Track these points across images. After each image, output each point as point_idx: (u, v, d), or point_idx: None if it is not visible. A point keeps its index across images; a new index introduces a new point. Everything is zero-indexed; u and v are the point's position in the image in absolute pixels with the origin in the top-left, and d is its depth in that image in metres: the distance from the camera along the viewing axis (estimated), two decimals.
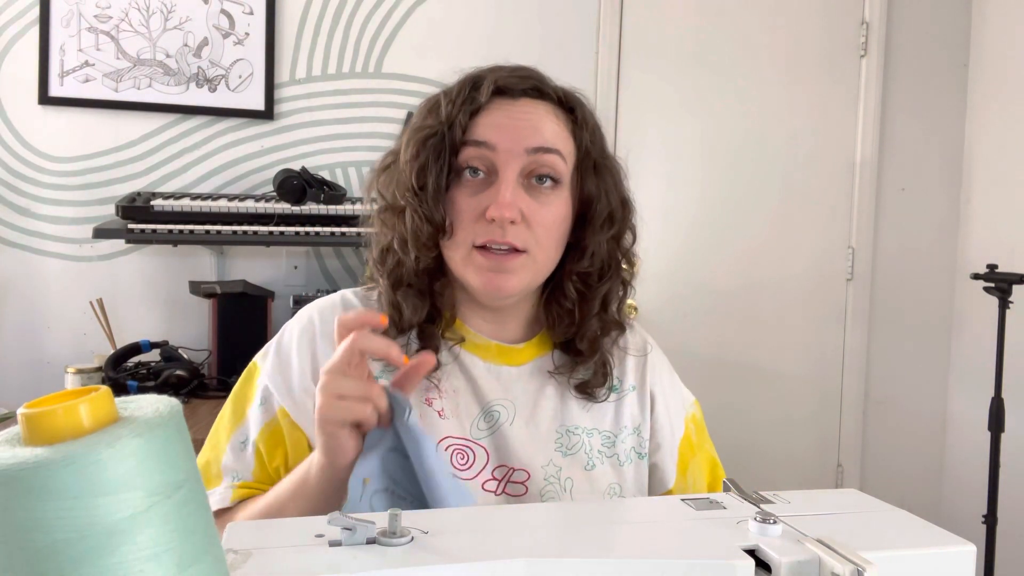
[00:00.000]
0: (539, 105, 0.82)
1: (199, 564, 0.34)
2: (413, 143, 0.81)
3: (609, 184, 0.84)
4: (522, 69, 0.84)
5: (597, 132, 0.86)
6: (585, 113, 0.85)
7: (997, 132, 2.55)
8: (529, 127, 0.79)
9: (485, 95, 0.80)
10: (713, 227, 2.56)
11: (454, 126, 0.79)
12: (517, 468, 0.82)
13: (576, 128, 0.83)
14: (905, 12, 2.62)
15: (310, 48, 2.35)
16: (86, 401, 0.33)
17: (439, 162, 0.79)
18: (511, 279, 0.80)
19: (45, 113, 2.24)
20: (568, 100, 0.84)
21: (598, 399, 0.87)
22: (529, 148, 0.79)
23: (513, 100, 0.81)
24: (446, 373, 0.84)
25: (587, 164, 0.83)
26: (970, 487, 2.54)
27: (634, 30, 2.48)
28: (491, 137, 0.79)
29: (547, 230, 0.80)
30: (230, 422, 0.86)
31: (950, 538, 0.51)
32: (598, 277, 0.85)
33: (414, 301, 0.83)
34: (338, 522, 0.47)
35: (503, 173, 0.78)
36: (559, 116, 0.82)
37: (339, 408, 0.66)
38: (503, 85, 0.81)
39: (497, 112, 0.80)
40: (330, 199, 2.16)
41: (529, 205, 0.79)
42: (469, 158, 0.79)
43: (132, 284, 2.28)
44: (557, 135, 0.81)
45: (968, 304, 2.61)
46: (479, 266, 0.80)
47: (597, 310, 0.86)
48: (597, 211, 0.83)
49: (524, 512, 0.57)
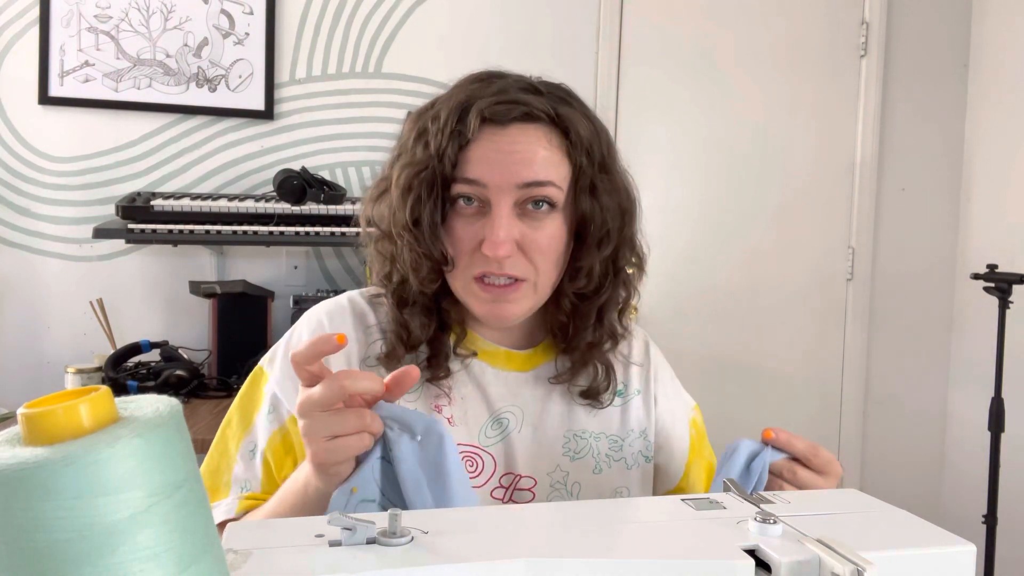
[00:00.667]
0: (529, 131, 0.78)
1: (199, 564, 0.34)
2: (404, 177, 0.79)
3: (606, 201, 0.81)
4: (512, 90, 0.79)
5: (595, 145, 0.81)
6: (580, 130, 0.80)
7: (997, 132, 2.55)
8: (519, 160, 0.76)
9: (472, 128, 0.76)
10: (713, 227, 2.56)
11: (443, 160, 0.77)
12: (524, 475, 0.83)
13: (571, 148, 0.79)
14: (905, 12, 2.62)
15: (310, 48, 2.35)
16: (86, 401, 0.33)
17: (432, 196, 0.77)
18: (512, 308, 0.79)
19: (45, 113, 2.24)
20: (561, 120, 0.79)
21: (603, 404, 0.87)
22: (520, 183, 0.76)
23: (502, 128, 0.77)
24: (456, 380, 0.84)
25: (583, 183, 0.80)
26: (970, 487, 2.54)
27: (634, 30, 2.48)
28: (481, 175, 0.76)
29: (544, 255, 0.79)
30: (238, 429, 0.85)
31: (950, 538, 0.51)
32: (594, 292, 0.84)
33: (421, 319, 0.82)
34: (338, 522, 0.47)
35: (496, 209, 0.76)
36: (552, 138, 0.79)
37: (336, 448, 0.62)
38: (490, 115, 0.77)
39: (486, 145, 0.77)
40: (330, 199, 2.16)
41: (524, 233, 0.77)
42: (461, 193, 0.78)
43: (132, 284, 2.28)
44: (549, 162, 0.77)
45: (968, 304, 2.61)
46: (480, 298, 0.79)
47: (592, 322, 0.85)
48: (592, 231, 0.80)
49: (524, 512, 0.57)
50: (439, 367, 0.82)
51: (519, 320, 0.83)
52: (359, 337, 0.85)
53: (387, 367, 0.81)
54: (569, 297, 0.83)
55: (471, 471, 0.81)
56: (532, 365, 0.87)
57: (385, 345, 0.83)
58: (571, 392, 0.87)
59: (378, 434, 0.64)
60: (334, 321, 0.85)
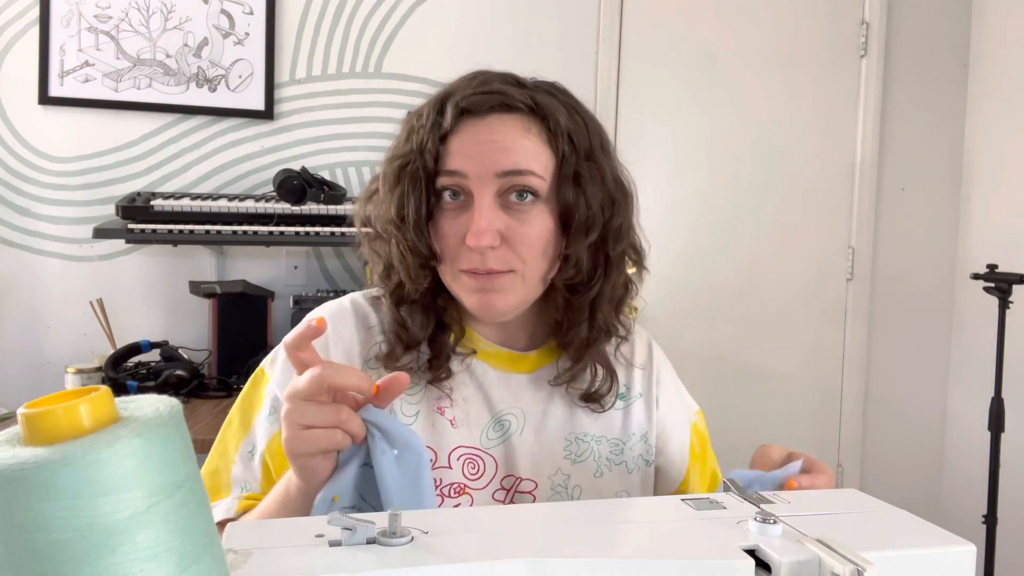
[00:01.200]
0: (507, 120, 0.78)
1: (199, 564, 0.34)
2: (391, 173, 0.80)
3: (592, 190, 0.79)
4: (488, 83, 0.79)
5: (580, 135, 0.80)
6: (559, 119, 0.79)
7: (997, 132, 2.55)
8: (498, 149, 0.76)
9: (450, 119, 0.77)
10: (713, 227, 2.56)
11: (425, 153, 0.77)
12: (525, 478, 0.82)
13: (551, 137, 0.79)
14: (905, 12, 2.62)
15: (310, 48, 2.35)
16: (86, 401, 0.33)
17: (416, 191, 0.78)
18: (501, 298, 0.79)
19: (45, 113, 2.24)
20: (540, 109, 0.79)
21: (604, 407, 0.86)
22: (499, 172, 0.76)
23: (480, 119, 0.77)
24: (457, 382, 0.83)
25: (566, 172, 0.79)
26: (970, 487, 2.54)
27: (634, 30, 2.48)
28: (461, 165, 0.77)
29: (530, 247, 0.78)
30: (239, 430, 0.84)
31: (950, 538, 0.51)
32: (585, 285, 0.82)
33: (420, 318, 0.82)
34: (338, 522, 0.47)
35: (477, 200, 0.76)
36: (532, 127, 0.78)
37: (306, 438, 0.63)
38: (467, 105, 0.77)
39: (465, 136, 0.77)
40: (330, 199, 2.16)
41: (508, 224, 0.77)
42: (444, 185, 0.78)
43: (132, 284, 2.28)
44: (528, 152, 0.77)
45: (968, 304, 2.61)
46: (468, 288, 0.79)
47: (586, 316, 0.84)
48: (576, 220, 0.79)
49: (524, 512, 0.57)
50: (440, 368, 0.82)
51: (511, 313, 0.81)
52: (361, 338, 0.85)
53: (387, 367, 0.81)
54: (561, 291, 0.82)
55: (472, 474, 0.81)
56: (534, 367, 0.87)
57: (384, 345, 0.83)
58: (572, 395, 0.86)
59: (356, 435, 0.64)
60: (336, 323, 0.84)
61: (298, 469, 0.65)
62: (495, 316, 0.81)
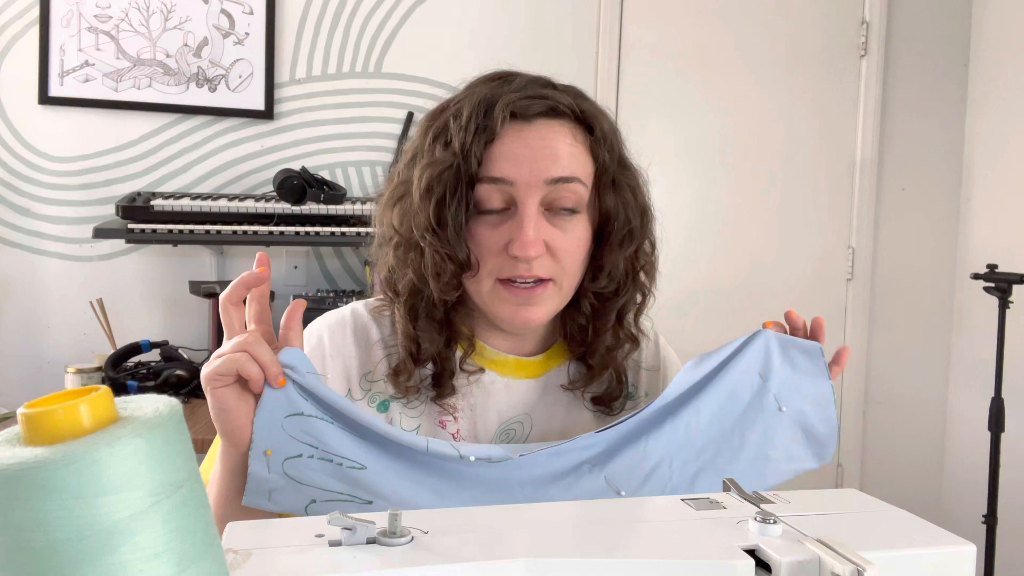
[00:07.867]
0: (555, 126, 0.77)
1: (199, 564, 0.34)
2: (426, 177, 0.76)
3: (627, 198, 0.80)
4: (532, 87, 0.78)
5: (616, 143, 0.81)
6: (603, 126, 0.79)
7: (997, 132, 2.55)
8: (547, 155, 0.75)
9: (499, 123, 0.75)
10: (713, 227, 2.56)
11: (469, 158, 0.74)
12: None
13: (595, 144, 0.79)
14: (905, 12, 2.62)
15: (310, 48, 2.35)
16: (86, 401, 0.33)
17: (456, 197, 0.74)
18: (538, 310, 0.78)
19: (45, 113, 2.24)
20: (585, 117, 0.79)
21: (614, 411, 0.86)
22: (548, 179, 0.75)
23: (527, 123, 0.76)
24: (463, 392, 0.82)
25: (606, 180, 0.79)
26: (970, 487, 2.54)
27: (634, 30, 2.48)
28: (509, 172, 0.74)
29: (571, 256, 0.77)
30: None
31: (950, 538, 0.51)
32: (615, 293, 0.82)
33: (432, 334, 0.80)
34: (338, 522, 0.47)
35: (524, 208, 0.74)
36: (576, 133, 0.78)
37: (213, 364, 0.65)
38: (516, 109, 0.75)
39: (513, 140, 0.75)
40: (330, 199, 2.16)
41: (552, 235, 0.76)
42: (488, 194, 0.75)
43: (132, 284, 2.28)
44: (575, 159, 0.76)
45: (968, 304, 2.61)
46: (505, 300, 0.77)
47: (612, 324, 0.83)
48: (615, 229, 0.79)
49: (524, 512, 0.57)
50: (444, 386, 0.81)
51: (542, 323, 0.81)
52: (359, 353, 0.82)
53: (395, 384, 0.80)
54: (589, 298, 0.82)
55: None
56: (542, 371, 0.86)
57: (393, 360, 0.82)
58: (582, 397, 0.86)
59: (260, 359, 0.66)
60: (334, 336, 0.83)
61: (216, 411, 0.66)
62: (527, 328, 0.80)
